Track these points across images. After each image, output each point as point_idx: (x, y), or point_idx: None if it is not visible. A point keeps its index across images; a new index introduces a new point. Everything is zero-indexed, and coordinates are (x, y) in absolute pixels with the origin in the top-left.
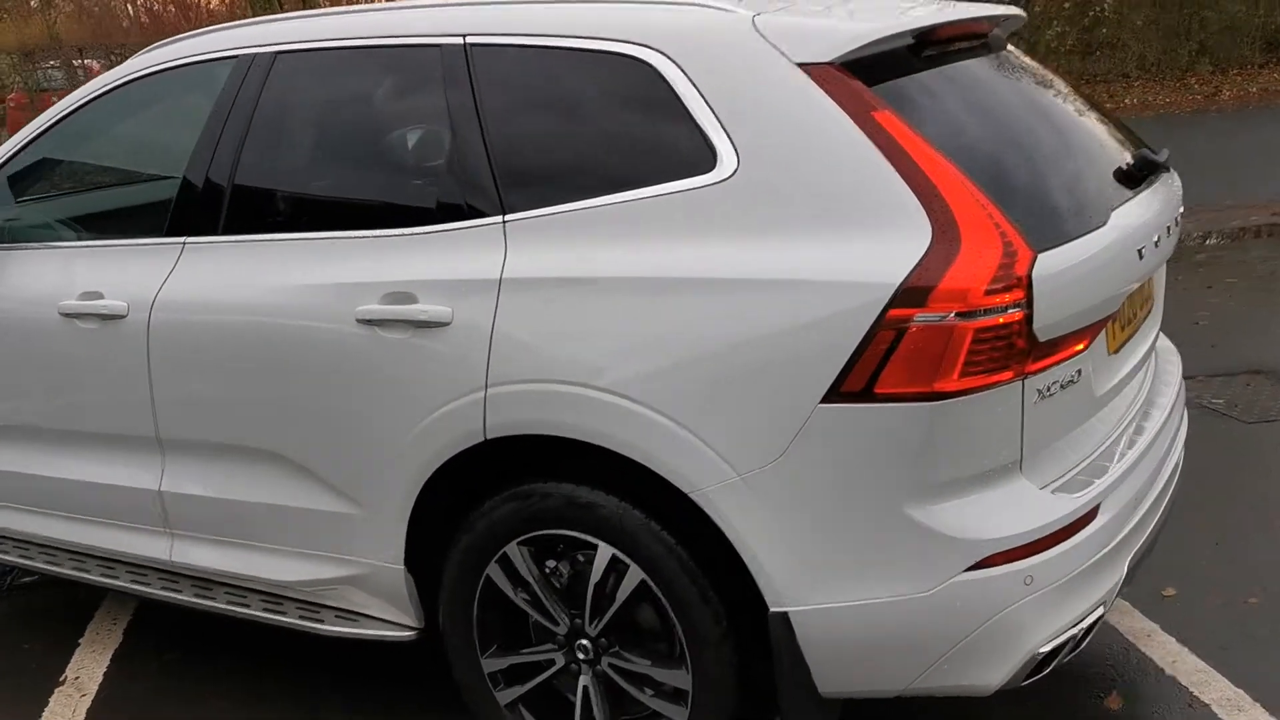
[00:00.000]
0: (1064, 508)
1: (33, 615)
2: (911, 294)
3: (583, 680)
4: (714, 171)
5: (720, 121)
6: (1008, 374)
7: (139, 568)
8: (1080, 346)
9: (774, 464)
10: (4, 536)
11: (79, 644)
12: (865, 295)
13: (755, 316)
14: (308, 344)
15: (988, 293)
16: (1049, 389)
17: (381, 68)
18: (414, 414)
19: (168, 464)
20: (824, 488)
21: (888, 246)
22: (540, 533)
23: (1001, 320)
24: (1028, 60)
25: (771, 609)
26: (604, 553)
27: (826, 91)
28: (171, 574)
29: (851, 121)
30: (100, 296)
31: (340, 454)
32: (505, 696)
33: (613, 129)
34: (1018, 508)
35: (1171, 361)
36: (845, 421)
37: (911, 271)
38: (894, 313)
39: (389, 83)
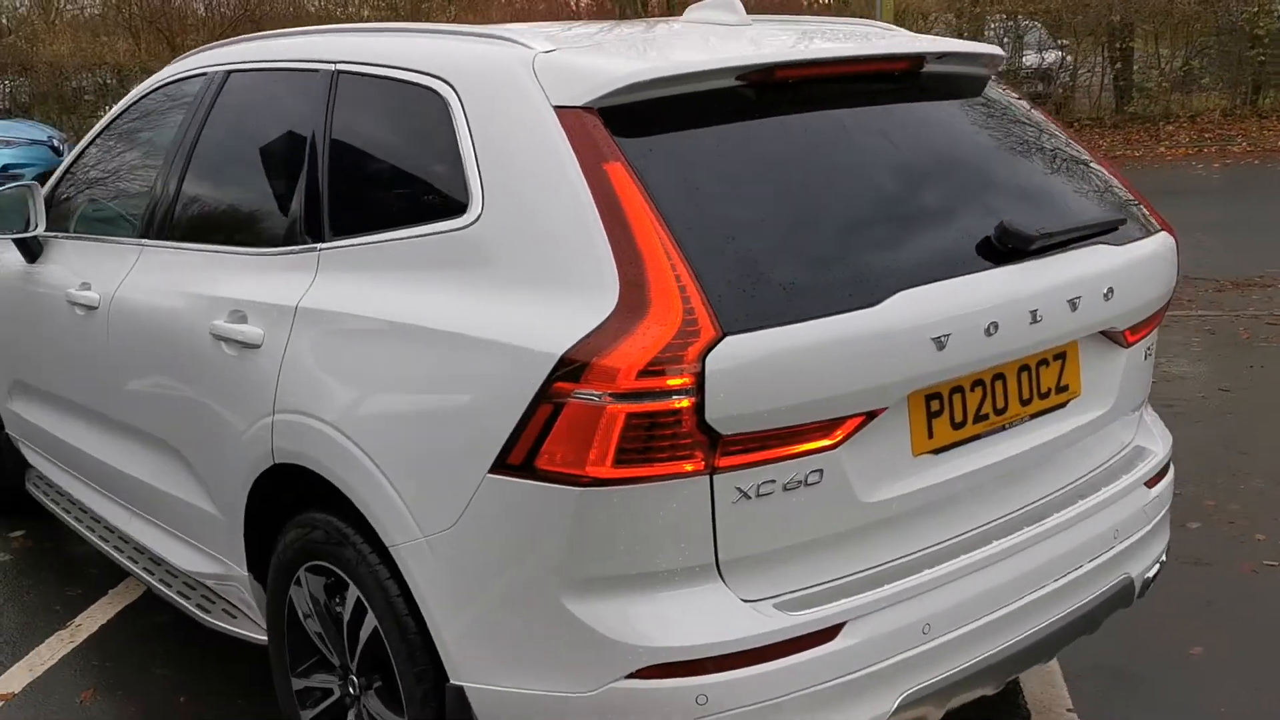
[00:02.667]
0: (769, 624)
1: (87, 563)
2: (571, 368)
3: (350, 715)
4: (464, 216)
5: (478, 163)
6: (682, 466)
7: (116, 535)
8: (821, 443)
9: (451, 530)
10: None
11: (104, 596)
12: (532, 364)
13: (449, 372)
14: (182, 349)
15: (643, 375)
16: (758, 488)
17: (274, 91)
18: (238, 429)
19: (116, 442)
20: (492, 564)
21: (573, 312)
22: (316, 563)
23: (661, 406)
24: (1001, 100)
25: (449, 681)
26: (353, 591)
27: (569, 138)
28: (135, 546)
29: (579, 172)
30: (89, 288)
31: (205, 456)
32: (305, 716)
33: (410, 162)
34: (700, 617)
35: (1135, 474)
36: (509, 496)
37: (577, 343)
38: (557, 385)
39: (275, 106)
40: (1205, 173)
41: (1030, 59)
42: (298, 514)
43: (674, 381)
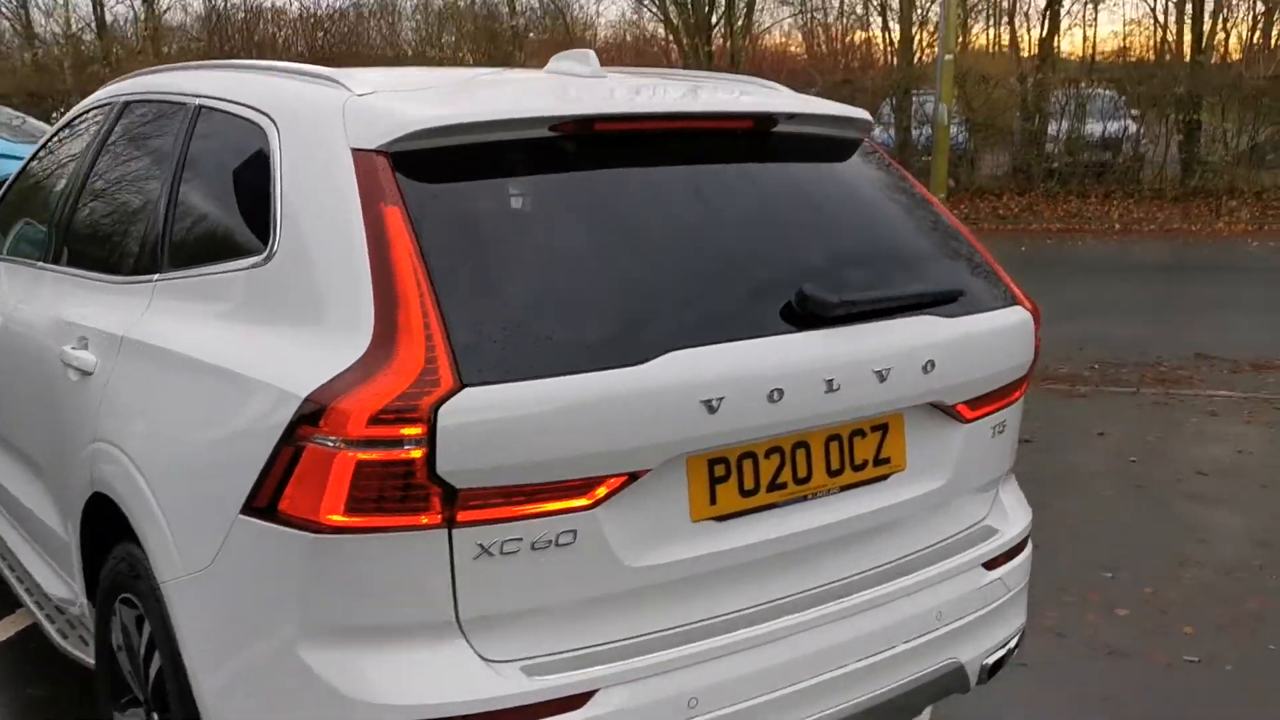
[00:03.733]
0: (511, 687)
1: None
2: (312, 410)
3: None
4: (262, 253)
5: (282, 201)
6: (418, 518)
7: (11, 554)
8: (574, 502)
9: (206, 571)
10: None
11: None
12: (282, 404)
13: (220, 409)
14: (44, 372)
15: (374, 422)
16: (502, 546)
17: (151, 123)
18: (73, 455)
19: (6, 460)
20: (240, 609)
21: (328, 354)
22: (126, 595)
23: (392, 456)
24: (868, 166)
25: None
26: (148, 626)
27: (357, 179)
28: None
29: (359, 214)
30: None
31: (55, 480)
32: None
33: (235, 198)
34: (439, 676)
35: (971, 554)
36: (255, 539)
37: (320, 386)
38: (301, 428)
39: (150, 138)
40: (1258, 250)
41: (1094, 127)
42: (118, 544)
43: (406, 431)
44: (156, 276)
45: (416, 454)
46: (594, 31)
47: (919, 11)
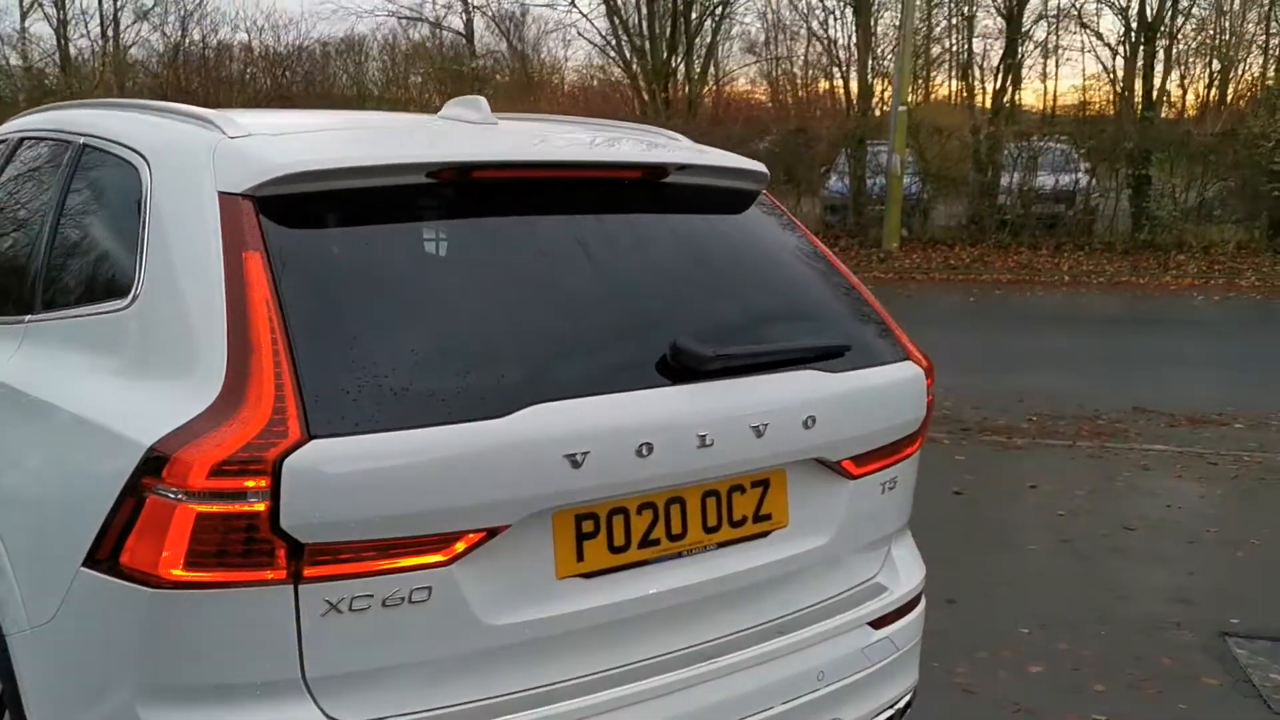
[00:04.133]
0: None
1: None
2: (155, 461)
3: None
4: (125, 297)
5: (148, 243)
6: (262, 573)
7: None
8: (429, 559)
9: (49, 625)
10: None
11: None
12: (127, 453)
13: (70, 457)
14: None
15: (215, 474)
16: (351, 603)
17: (41, 161)
18: None
19: None
20: (80, 665)
21: (179, 403)
22: None
23: (234, 509)
24: (764, 218)
25: None
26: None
27: (221, 224)
28: None
29: (221, 259)
30: None
31: None
32: None
33: (107, 239)
34: None
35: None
36: (96, 593)
37: (166, 435)
38: (144, 479)
39: (39, 175)
40: (1203, 305)
41: (1046, 180)
42: None
43: (250, 483)
44: (29, 318)
45: (260, 507)
46: (561, 75)
47: (879, 63)
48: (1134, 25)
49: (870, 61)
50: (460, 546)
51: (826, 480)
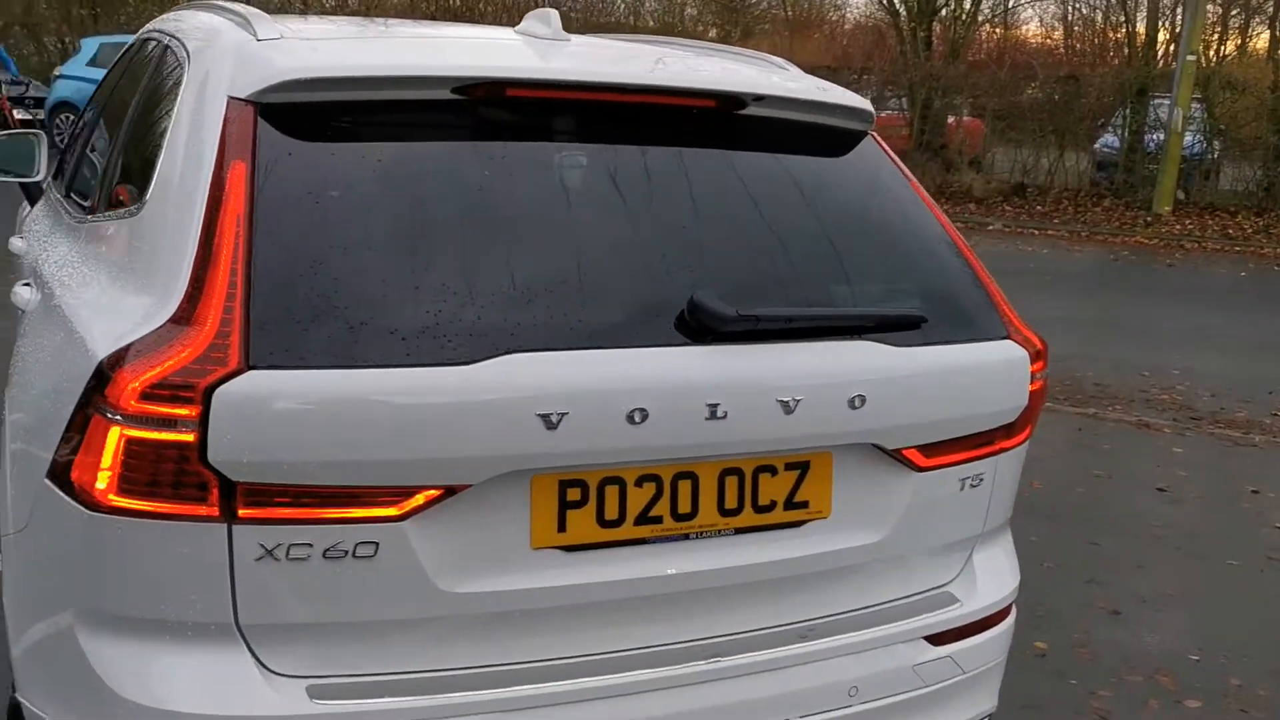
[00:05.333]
0: (287, 707)
1: None
2: (101, 377)
3: None
4: (141, 203)
5: (165, 149)
6: (194, 508)
7: None
8: (377, 511)
9: (21, 533)
10: None
11: None
12: (85, 366)
13: (55, 367)
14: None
15: (145, 397)
16: (288, 550)
17: (141, 60)
18: None
19: None
20: (39, 580)
21: (141, 316)
22: None
23: (162, 436)
24: (866, 164)
25: (13, 692)
26: None
27: (222, 129)
28: None
29: (211, 168)
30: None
31: None
32: None
33: (154, 141)
34: (210, 682)
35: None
36: (52, 507)
37: (115, 351)
38: (95, 395)
39: (136, 74)
40: None
41: None
42: None
43: (180, 411)
44: (90, 218)
45: (189, 437)
46: (843, 13)
47: (1168, 7)
48: None
49: (1160, 3)
50: (414, 502)
51: (884, 469)
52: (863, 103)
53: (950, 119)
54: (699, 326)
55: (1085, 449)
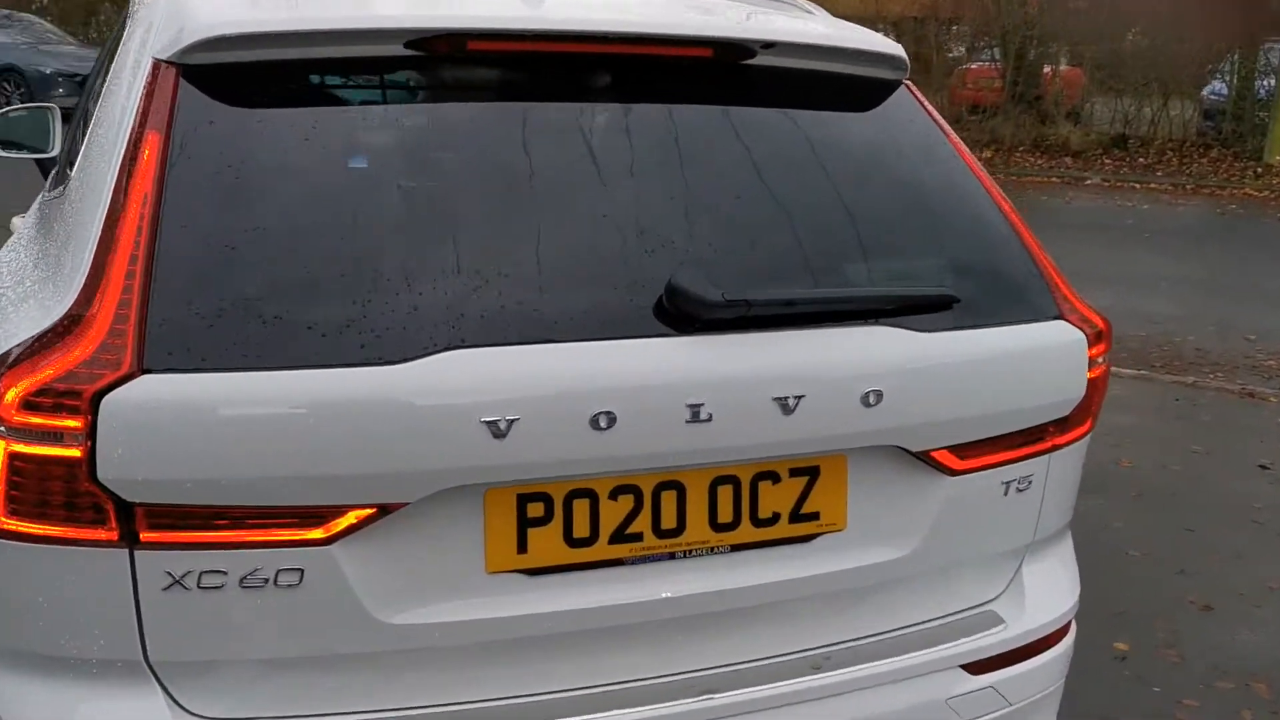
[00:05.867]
0: None
1: None
2: None
3: None
4: (67, 180)
5: (96, 120)
6: (90, 531)
7: None
8: (300, 534)
9: None
10: None
11: None
12: None
13: None
14: None
15: (26, 407)
16: (199, 578)
17: (124, 23)
18: None
19: None
20: None
21: (38, 313)
22: None
23: (49, 452)
24: (899, 119)
25: None
26: None
27: (144, 96)
28: None
29: (125, 142)
30: None
31: None
32: None
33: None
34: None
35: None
36: None
37: (2, 353)
38: None
39: (115, 40)
40: None
41: None
42: None
43: (66, 422)
44: (43, 197)
45: (75, 452)
46: None
47: None
48: None
49: None
50: (342, 523)
51: (910, 474)
52: (893, 47)
53: (1046, 69)
54: (679, 314)
55: (1182, 421)
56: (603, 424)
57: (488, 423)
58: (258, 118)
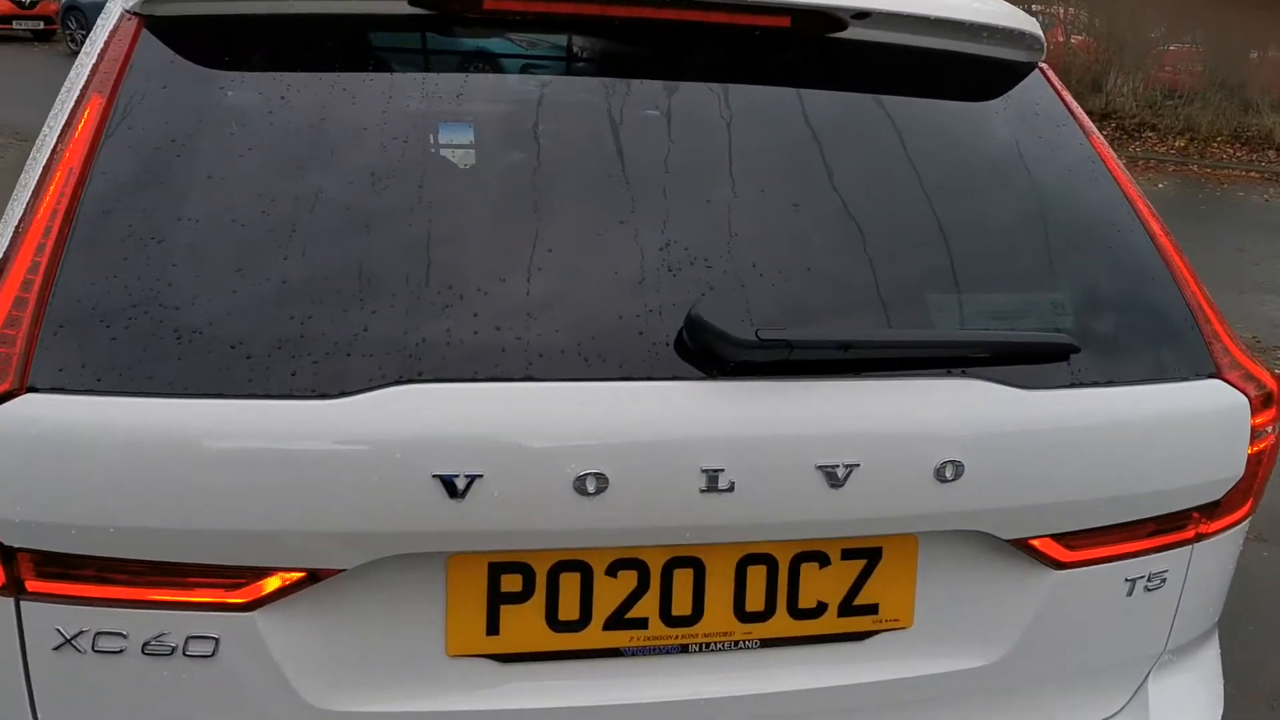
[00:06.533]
0: None
1: None
2: None
3: None
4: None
5: (72, 83)
6: None
7: None
8: (214, 599)
9: None
10: None
11: None
12: None
13: None
14: None
15: None
16: (94, 640)
17: None
18: None
19: None
20: None
21: None
22: None
23: None
24: (1030, 111)
25: None
26: None
27: (102, 52)
28: None
29: (72, 106)
30: None
31: None
32: None
33: None
34: None
35: None
36: None
37: None
38: None
39: None
40: None
41: None
42: None
43: None
44: None
45: None
46: None
47: None
48: None
49: None
50: (266, 587)
51: (1001, 564)
52: (1028, 22)
53: (1253, 53)
54: (700, 352)
55: None
56: (590, 488)
57: (441, 478)
58: (219, 83)
